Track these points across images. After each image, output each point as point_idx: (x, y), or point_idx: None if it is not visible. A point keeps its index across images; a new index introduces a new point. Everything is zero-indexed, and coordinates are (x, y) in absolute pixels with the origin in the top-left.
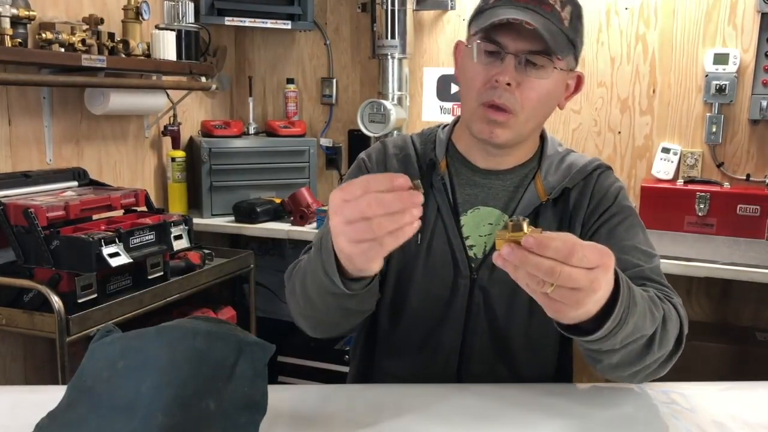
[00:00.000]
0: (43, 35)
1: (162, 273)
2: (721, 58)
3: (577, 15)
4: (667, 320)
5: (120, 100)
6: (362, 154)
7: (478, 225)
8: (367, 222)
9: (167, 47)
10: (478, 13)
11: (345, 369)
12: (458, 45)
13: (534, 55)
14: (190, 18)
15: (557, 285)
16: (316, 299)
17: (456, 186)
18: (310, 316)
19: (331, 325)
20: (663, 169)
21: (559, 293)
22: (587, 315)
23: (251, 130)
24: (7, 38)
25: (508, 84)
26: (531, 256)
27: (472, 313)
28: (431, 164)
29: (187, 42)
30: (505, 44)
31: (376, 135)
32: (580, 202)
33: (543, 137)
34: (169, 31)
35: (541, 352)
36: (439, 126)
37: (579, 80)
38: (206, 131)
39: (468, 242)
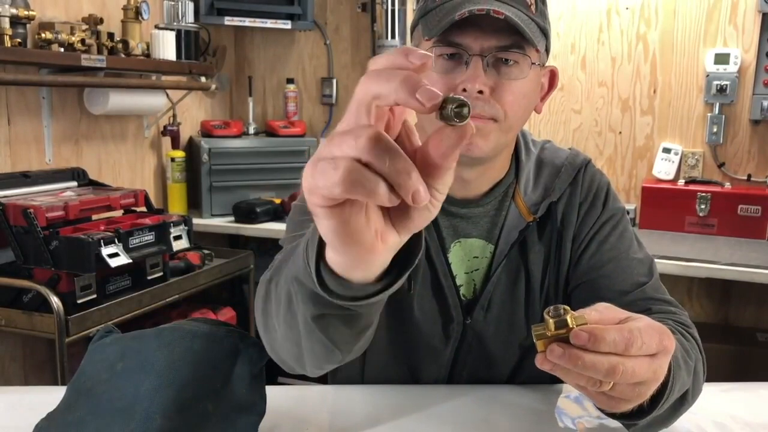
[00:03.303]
0: (43, 35)
1: (161, 273)
2: (722, 58)
3: None
4: (697, 362)
5: (119, 100)
6: None
7: (463, 261)
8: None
9: (167, 47)
10: (425, 12)
11: None
12: None
13: (505, 51)
14: (190, 18)
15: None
16: (297, 318)
17: (438, 218)
18: (292, 341)
19: (323, 353)
20: (664, 169)
21: (618, 390)
22: (639, 404)
23: (251, 130)
24: (7, 38)
25: (480, 92)
26: (587, 356)
27: (461, 353)
28: None
29: (186, 42)
30: (467, 44)
31: None
32: (568, 215)
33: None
34: (168, 31)
35: (533, 372)
36: None
37: (552, 76)
38: (206, 131)
39: (456, 281)
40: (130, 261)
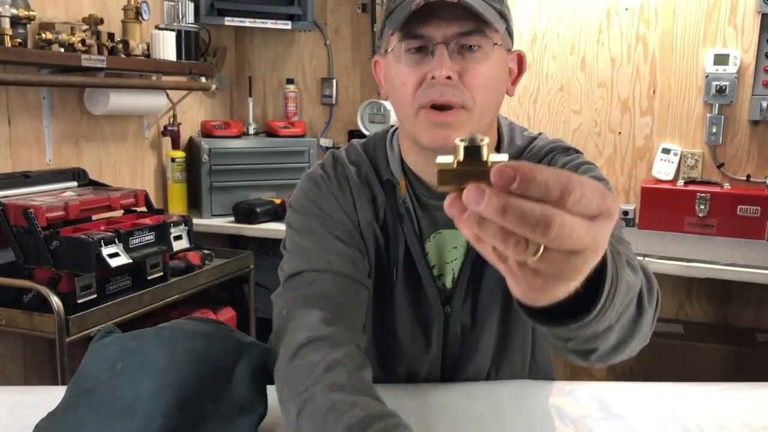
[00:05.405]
0: (43, 35)
1: (162, 273)
2: (721, 59)
3: None
4: (646, 268)
5: (120, 101)
6: (318, 170)
7: (442, 251)
8: None
9: (167, 47)
10: (389, 13)
11: None
12: (376, 63)
13: (467, 36)
14: (190, 18)
15: (545, 249)
16: None
17: (417, 209)
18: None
19: None
20: (663, 169)
21: (549, 260)
22: (574, 288)
23: (251, 131)
24: (7, 38)
25: (448, 78)
26: (514, 200)
27: (449, 344)
28: (390, 185)
29: (186, 42)
30: (430, 35)
31: None
32: None
33: (499, 132)
34: (168, 32)
35: (515, 361)
36: (385, 133)
37: (520, 59)
38: (206, 131)
39: (435, 272)
40: (131, 261)
